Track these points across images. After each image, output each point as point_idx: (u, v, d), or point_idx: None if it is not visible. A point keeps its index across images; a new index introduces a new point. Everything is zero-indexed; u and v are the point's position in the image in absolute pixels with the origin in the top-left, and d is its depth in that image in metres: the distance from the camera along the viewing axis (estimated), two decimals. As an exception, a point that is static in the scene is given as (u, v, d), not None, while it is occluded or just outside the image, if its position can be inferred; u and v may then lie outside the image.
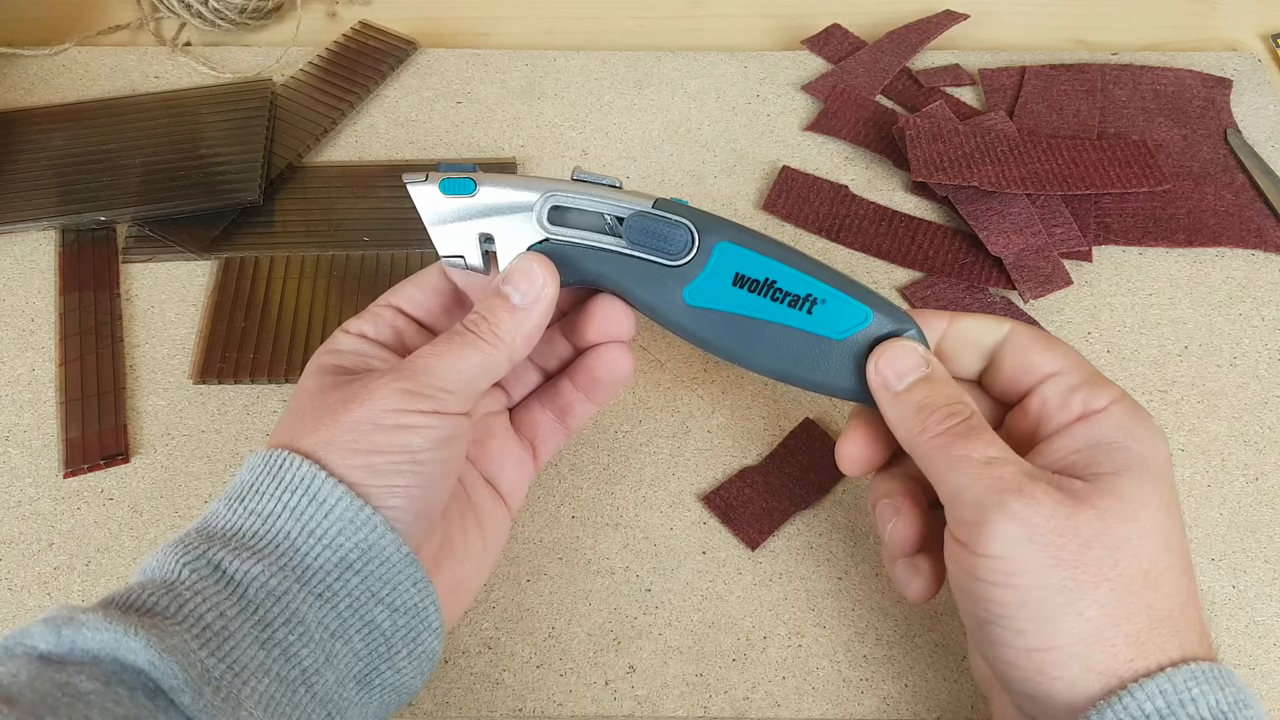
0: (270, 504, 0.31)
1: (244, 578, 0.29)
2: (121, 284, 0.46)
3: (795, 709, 0.36)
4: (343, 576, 0.31)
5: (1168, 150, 0.52)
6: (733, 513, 0.40)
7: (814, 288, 0.35)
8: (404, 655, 0.32)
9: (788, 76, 0.55)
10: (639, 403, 0.43)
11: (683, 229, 0.35)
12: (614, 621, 0.38)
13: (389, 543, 0.31)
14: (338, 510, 0.31)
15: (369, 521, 0.31)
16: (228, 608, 0.28)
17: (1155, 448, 0.31)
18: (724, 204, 0.49)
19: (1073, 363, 0.34)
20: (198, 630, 0.28)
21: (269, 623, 0.29)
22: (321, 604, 0.30)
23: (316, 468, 0.31)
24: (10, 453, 0.41)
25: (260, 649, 0.28)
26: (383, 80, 0.53)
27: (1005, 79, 0.54)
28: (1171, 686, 0.28)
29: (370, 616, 0.31)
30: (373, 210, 0.49)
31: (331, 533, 0.31)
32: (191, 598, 0.28)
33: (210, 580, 0.29)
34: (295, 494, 0.31)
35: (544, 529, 0.40)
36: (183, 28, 0.56)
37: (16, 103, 0.52)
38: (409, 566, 0.31)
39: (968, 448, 0.32)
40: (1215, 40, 0.59)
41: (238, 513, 0.31)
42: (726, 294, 0.35)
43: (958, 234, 0.48)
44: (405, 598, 0.32)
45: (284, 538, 0.30)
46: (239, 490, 0.32)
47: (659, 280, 0.35)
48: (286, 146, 0.50)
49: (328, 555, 0.31)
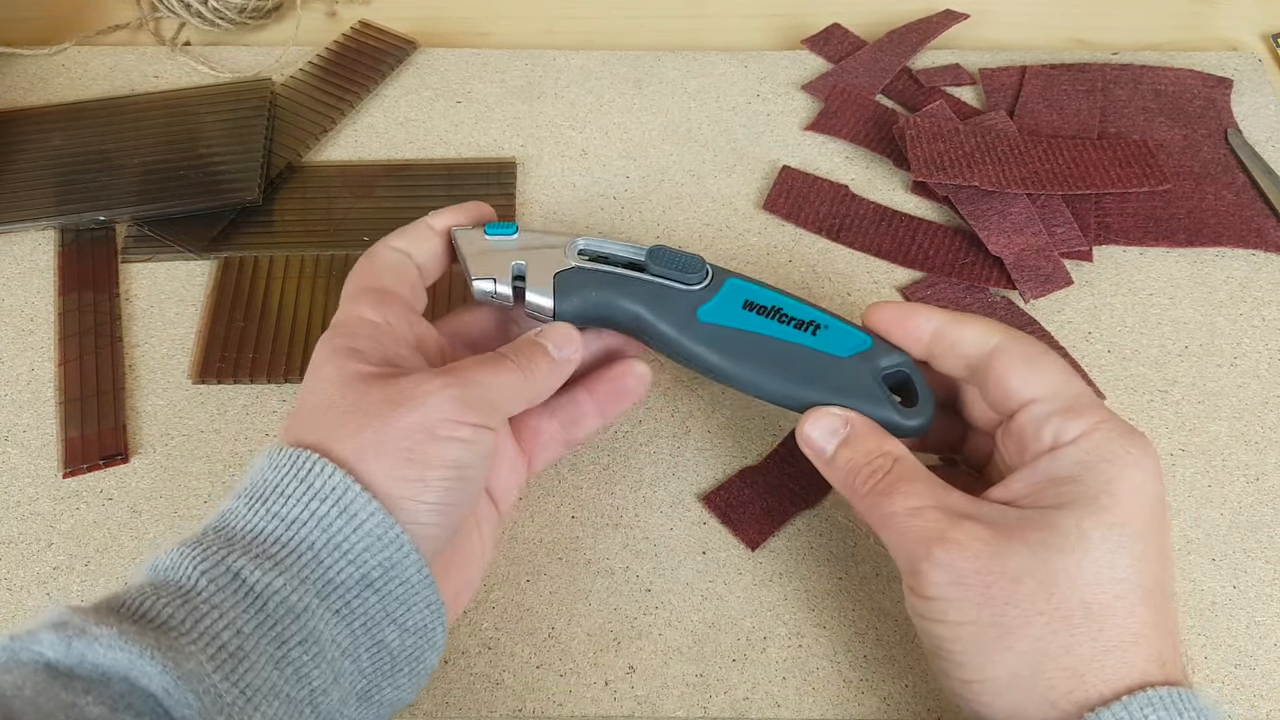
0: (296, 509, 0.30)
1: (264, 590, 0.28)
2: (121, 284, 0.46)
3: (795, 709, 0.36)
4: (362, 595, 0.30)
5: (1168, 150, 0.51)
6: (733, 513, 0.40)
7: (817, 316, 0.37)
8: (406, 673, 0.31)
9: (788, 76, 0.55)
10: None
11: (698, 260, 0.38)
12: (614, 621, 0.38)
13: (412, 563, 0.30)
14: (367, 526, 0.30)
15: (397, 540, 0.30)
16: (245, 623, 0.27)
17: (1123, 477, 0.31)
18: (724, 204, 0.49)
19: (1052, 388, 0.33)
20: (213, 650, 0.27)
21: (285, 640, 0.28)
22: (338, 621, 0.29)
23: (350, 479, 0.30)
24: (9, 453, 0.41)
25: (274, 669, 0.28)
26: (382, 80, 0.53)
27: (1005, 79, 0.54)
28: (1127, 714, 0.28)
29: (381, 636, 0.30)
30: (372, 210, 0.49)
31: (358, 549, 0.30)
32: (209, 612, 0.27)
33: (228, 591, 0.28)
34: (325, 503, 0.29)
35: (544, 529, 0.40)
36: (182, 27, 0.56)
37: (15, 102, 0.52)
38: (426, 589, 0.31)
39: (890, 503, 0.33)
40: (1215, 40, 0.58)
41: (259, 514, 0.30)
42: (738, 314, 0.37)
43: (958, 234, 0.48)
44: (418, 619, 0.31)
45: (307, 548, 0.29)
46: (261, 489, 0.30)
47: (675, 301, 0.37)
48: (286, 146, 0.50)
49: (350, 571, 0.30)
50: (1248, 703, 0.36)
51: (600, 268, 0.38)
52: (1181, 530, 0.40)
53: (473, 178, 0.50)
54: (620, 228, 0.48)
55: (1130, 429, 0.32)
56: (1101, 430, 0.32)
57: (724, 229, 0.49)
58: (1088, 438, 0.31)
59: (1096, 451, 0.31)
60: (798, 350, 0.36)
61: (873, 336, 0.37)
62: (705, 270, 0.38)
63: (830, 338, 0.37)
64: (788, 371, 0.36)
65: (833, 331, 0.37)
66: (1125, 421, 0.32)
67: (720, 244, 0.48)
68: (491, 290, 0.38)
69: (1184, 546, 0.40)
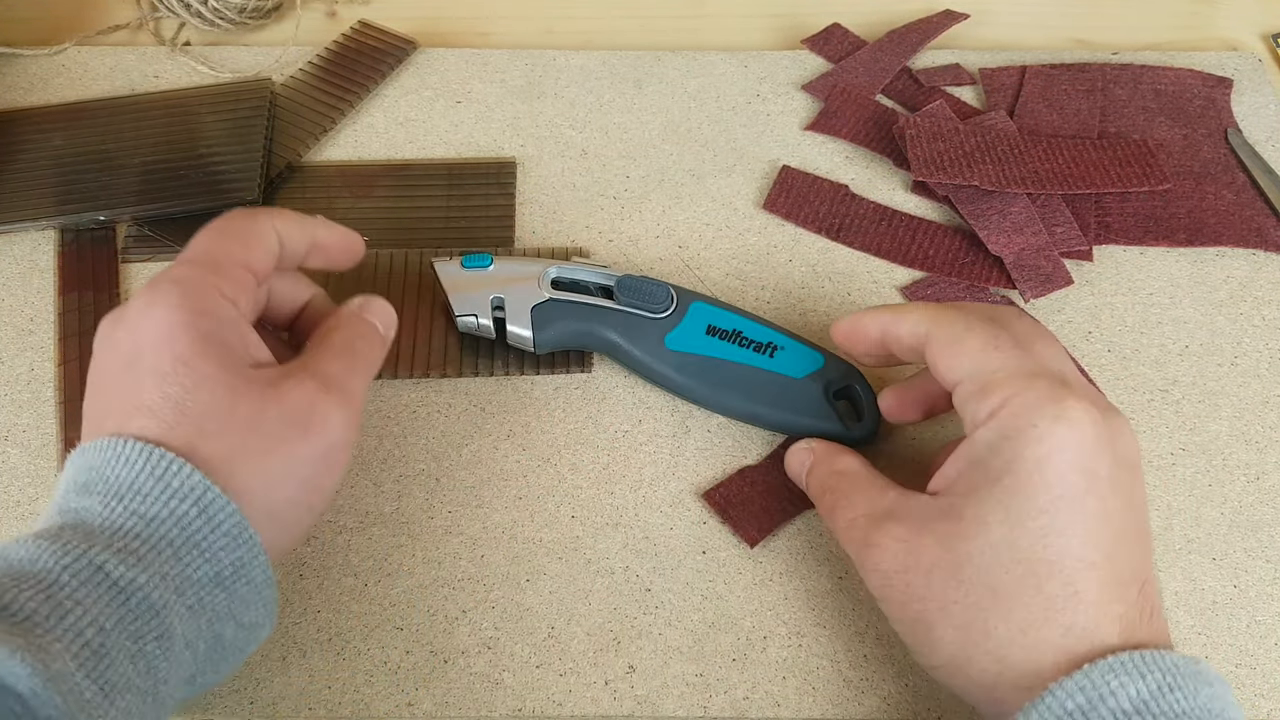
0: (155, 507, 0.29)
1: (128, 585, 0.28)
2: (121, 284, 0.46)
3: (795, 709, 0.36)
4: (213, 592, 0.30)
5: (1168, 150, 0.51)
6: (732, 510, 0.40)
7: (774, 337, 0.42)
8: (229, 665, 0.32)
9: (788, 76, 0.55)
10: (639, 403, 0.43)
11: (664, 288, 0.42)
12: (614, 621, 0.38)
13: (260, 565, 0.31)
14: (225, 526, 0.30)
15: (249, 540, 0.30)
16: (106, 619, 0.27)
17: (1025, 455, 0.30)
18: (724, 204, 0.49)
19: (972, 366, 0.33)
20: (76, 648, 0.26)
21: (141, 635, 0.28)
22: (190, 616, 0.30)
23: (207, 481, 0.30)
24: (9, 453, 0.41)
25: (130, 664, 0.28)
26: (382, 80, 0.53)
27: (1005, 78, 0.54)
28: (1090, 682, 0.28)
29: (220, 630, 0.31)
30: (372, 209, 0.49)
31: (215, 547, 0.30)
32: (73, 608, 0.27)
33: (91, 585, 0.27)
34: (184, 502, 0.29)
35: (544, 529, 0.40)
36: (182, 27, 0.56)
37: (15, 103, 0.52)
38: (268, 589, 0.32)
39: (834, 518, 0.35)
40: (1215, 40, 0.58)
41: (117, 512, 0.29)
42: (701, 341, 0.41)
43: (958, 233, 0.48)
44: (254, 616, 0.32)
45: (167, 545, 0.29)
46: (115, 487, 0.29)
47: (644, 330, 0.41)
48: (286, 146, 0.50)
49: (206, 569, 0.30)
50: (1249, 703, 0.36)
51: (573, 299, 0.42)
52: (1182, 530, 0.40)
53: (473, 178, 0.50)
54: (620, 228, 0.48)
55: (1048, 395, 0.30)
56: (1010, 405, 0.31)
57: (724, 229, 0.49)
58: (996, 416, 0.31)
59: (1001, 429, 0.31)
60: (756, 374, 0.41)
61: (824, 354, 0.41)
62: (670, 298, 0.42)
63: (786, 359, 0.41)
64: (748, 394, 0.41)
65: (788, 352, 0.41)
66: (1049, 386, 0.31)
67: (720, 244, 0.48)
68: (475, 325, 0.42)
69: (1184, 546, 0.40)
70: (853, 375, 0.41)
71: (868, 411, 0.41)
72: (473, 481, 0.41)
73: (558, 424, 0.42)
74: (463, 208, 0.49)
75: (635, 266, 0.47)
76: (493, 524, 0.40)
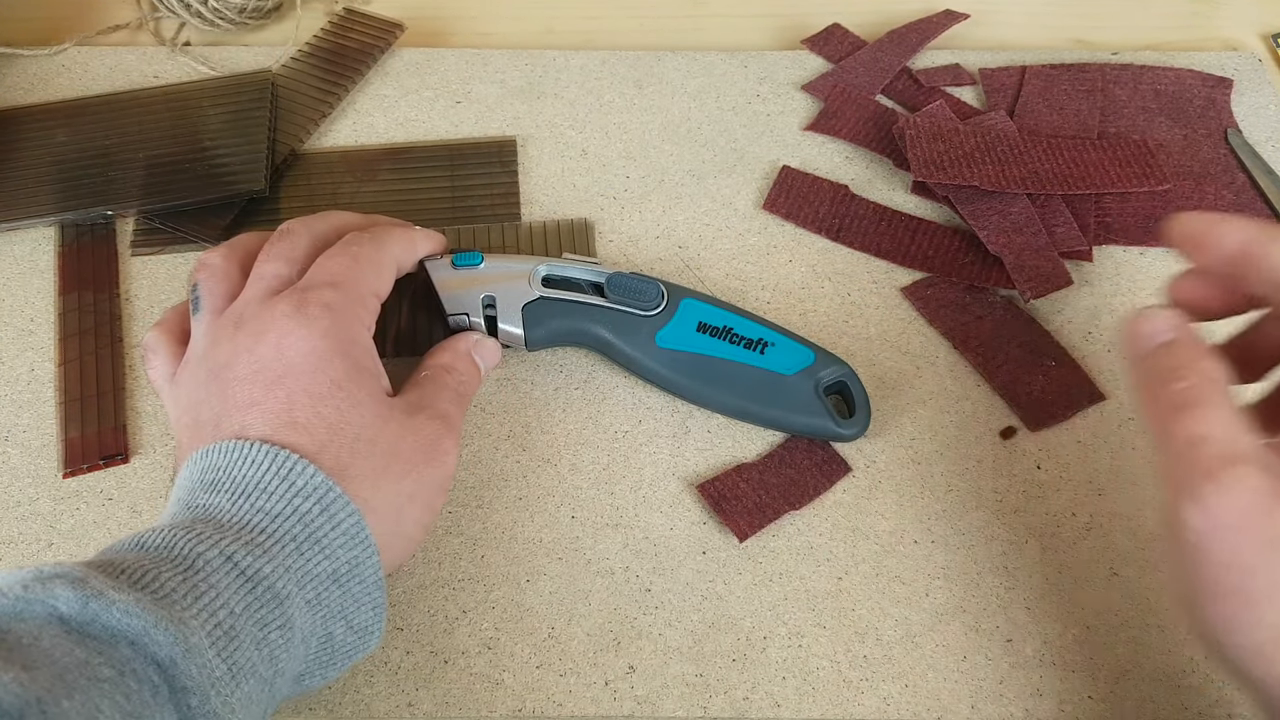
0: (279, 505, 0.31)
1: (255, 574, 0.30)
2: (121, 283, 0.46)
3: (795, 709, 0.36)
4: (330, 588, 0.31)
5: (1168, 150, 0.51)
6: (725, 504, 0.40)
7: (765, 334, 0.42)
8: (336, 668, 0.33)
9: (788, 76, 0.55)
10: (639, 403, 0.43)
11: (654, 285, 0.42)
12: (614, 621, 0.38)
13: (372, 565, 0.32)
14: (345, 525, 0.32)
15: (365, 541, 0.32)
16: (237, 604, 0.29)
17: None
18: (724, 204, 0.49)
19: None
20: (210, 627, 0.28)
21: (266, 623, 0.29)
22: (308, 610, 0.31)
23: (330, 481, 0.32)
24: (9, 453, 0.41)
25: (255, 649, 0.29)
26: (374, 64, 0.53)
27: (1005, 79, 0.54)
28: None
29: (332, 629, 0.32)
30: (377, 193, 0.49)
31: (335, 545, 0.31)
32: (207, 590, 0.28)
33: (222, 573, 0.29)
34: (307, 500, 0.31)
35: (544, 529, 0.40)
36: (182, 27, 0.56)
37: (15, 103, 0.52)
38: (378, 591, 0.33)
39: (1178, 421, 0.29)
40: (1215, 40, 0.58)
41: (243, 508, 0.31)
42: (692, 338, 0.41)
43: (958, 234, 0.48)
44: (364, 619, 0.33)
45: (290, 539, 0.31)
46: (243, 486, 0.32)
47: (635, 328, 0.41)
48: (287, 134, 0.51)
49: (325, 565, 0.31)
50: (1250, 702, 0.36)
51: (564, 296, 0.42)
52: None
53: (474, 158, 0.50)
54: (620, 228, 0.48)
55: None
56: None
57: (724, 229, 0.49)
58: None
59: None
60: (747, 370, 0.41)
61: (815, 351, 0.41)
62: (661, 296, 0.42)
63: (777, 355, 0.41)
64: (738, 391, 0.41)
65: (779, 349, 0.41)
66: None
67: (720, 244, 0.48)
68: (466, 323, 0.42)
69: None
70: (844, 371, 0.41)
71: (861, 408, 0.41)
72: (473, 482, 0.41)
73: (558, 424, 0.42)
74: (466, 187, 0.49)
75: (635, 266, 0.47)
76: (493, 524, 0.40)
